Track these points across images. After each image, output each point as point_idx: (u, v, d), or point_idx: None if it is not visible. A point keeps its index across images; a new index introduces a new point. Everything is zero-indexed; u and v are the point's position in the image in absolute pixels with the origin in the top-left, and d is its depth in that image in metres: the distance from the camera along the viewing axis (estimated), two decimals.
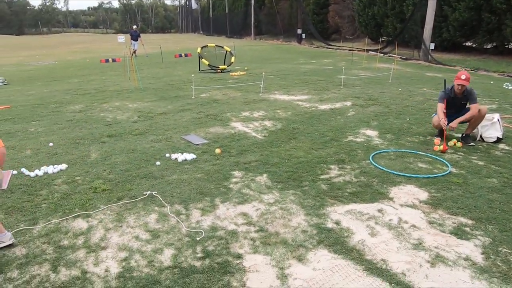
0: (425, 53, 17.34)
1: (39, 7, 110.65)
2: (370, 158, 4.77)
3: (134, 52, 21.45)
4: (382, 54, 19.83)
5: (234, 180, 4.16)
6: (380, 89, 9.66)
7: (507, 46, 18.28)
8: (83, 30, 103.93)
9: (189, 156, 4.76)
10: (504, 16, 16.13)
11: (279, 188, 3.97)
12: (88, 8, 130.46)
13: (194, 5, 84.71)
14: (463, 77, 5.12)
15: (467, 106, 5.46)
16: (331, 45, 27.71)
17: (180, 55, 19.28)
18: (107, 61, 17.39)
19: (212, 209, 3.52)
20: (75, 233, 3.13)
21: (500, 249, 2.92)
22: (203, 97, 8.66)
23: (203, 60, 13.27)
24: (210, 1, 65.78)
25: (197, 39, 44.83)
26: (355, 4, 26.33)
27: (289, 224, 3.27)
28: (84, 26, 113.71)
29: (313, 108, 7.50)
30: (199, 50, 13.68)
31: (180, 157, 4.73)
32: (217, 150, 4.98)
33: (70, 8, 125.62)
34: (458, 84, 5.17)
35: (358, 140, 5.56)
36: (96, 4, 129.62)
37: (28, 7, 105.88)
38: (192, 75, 9.68)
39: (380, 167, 4.50)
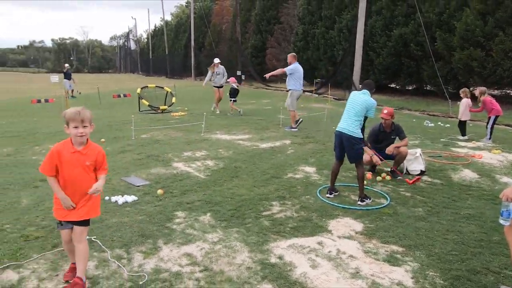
0: None
1: None
2: (318, 193, 4.99)
3: (71, 91, 20.77)
4: (316, 95, 21.03)
5: (177, 220, 4.13)
6: (316, 127, 10.20)
7: (425, 88, 20.32)
8: (11, 69, 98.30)
9: (130, 198, 4.66)
10: (421, 62, 18.05)
11: (223, 226, 4.01)
12: (18, 46, 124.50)
13: (133, 46, 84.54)
14: (385, 111, 5.78)
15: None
16: (270, 86, 28.85)
17: (119, 96, 18.96)
18: (39, 101, 16.61)
19: (155, 251, 3.46)
20: (4, 286, 2.90)
21: (427, 272, 3.18)
22: (143, 137, 8.57)
23: (143, 100, 13.18)
24: (150, 43, 66.09)
25: (136, 79, 44.38)
26: (290, 48, 27.93)
27: (233, 261, 3.31)
28: (13, 65, 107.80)
29: (254, 147, 7.73)
30: (138, 90, 13.60)
31: (120, 199, 4.61)
32: (159, 191, 4.93)
33: None
34: (382, 118, 5.81)
35: (298, 176, 5.81)
36: (26, 43, 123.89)
37: None
38: (132, 115, 9.56)
39: (332, 203, 4.73)
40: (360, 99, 4.89)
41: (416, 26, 17.73)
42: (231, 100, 12.83)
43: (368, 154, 5.81)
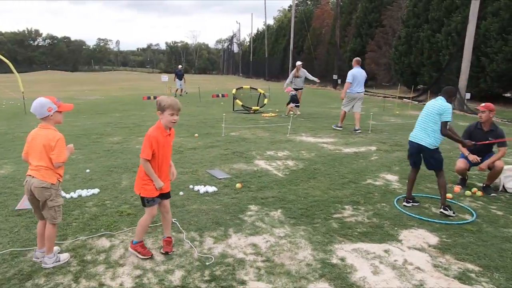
0: (460, 103, 17.17)
1: (94, 46, 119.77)
2: (395, 202, 4.84)
3: (181, 90, 22.59)
4: (416, 102, 19.79)
5: (249, 213, 4.38)
6: (408, 136, 9.67)
7: None
8: (131, 69, 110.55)
9: (211, 189, 5.05)
10: None
11: (291, 223, 4.14)
12: (137, 49, 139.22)
13: (236, 49, 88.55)
14: (482, 104, 5.36)
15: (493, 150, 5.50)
16: (366, 91, 27.95)
17: (217, 95, 20.15)
18: (148, 98, 18.50)
19: (224, 238, 3.75)
20: (98, 250, 3.44)
21: None
22: (232, 135, 9.08)
23: (237, 100, 13.88)
24: (251, 46, 68.67)
25: (236, 81, 46.50)
26: (391, 52, 26.72)
27: (295, 257, 3.43)
28: (132, 65, 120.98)
29: (337, 151, 7.68)
30: (234, 91, 14.35)
31: (202, 189, 5.03)
32: (238, 185, 5.25)
33: (121, 49, 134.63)
34: (478, 110, 5.39)
35: (377, 183, 5.66)
36: (145, 46, 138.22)
37: (83, 47, 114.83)
38: (224, 114, 10.18)
39: (409, 213, 4.58)
40: (431, 106, 4.63)
41: None
42: (294, 106, 13.20)
43: (465, 153, 5.43)
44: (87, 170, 5.88)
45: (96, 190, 4.92)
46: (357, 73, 10.21)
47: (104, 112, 13.92)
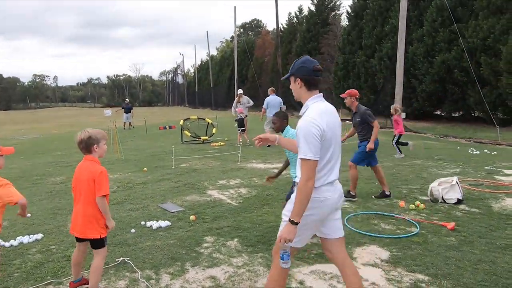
0: None
1: (29, 83, 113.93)
2: (345, 221, 4.99)
3: (129, 124, 22.30)
4: None
5: (205, 245, 4.31)
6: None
7: (473, 114, 19.52)
8: (71, 104, 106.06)
9: (164, 224, 4.92)
10: (466, 88, 17.51)
11: (249, 251, 4.13)
12: (77, 83, 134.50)
13: (180, 80, 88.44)
14: (346, 92, 6.14)
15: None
16: None
17: (165, 127, 19.91)
18: None
19: (181, 273, 3.65)
20: None
21: None
22: (182, 167, 8.97)
23: (185, 131, 13.80)
24: (196, 77, 69.03)
25: (182, 112, 46.23)
26: (331, 77, 28.12)
27: (255, 285, 3.41)
28: (72, 101, 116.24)
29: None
30: (181, 122, 14.27)
31: (155, 224, 4.89)
32: (192, 217, 5.16)
33: (60, 84, 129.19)
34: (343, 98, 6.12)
35: None
36: (85, 80, 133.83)
37: (17, 84, 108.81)
38: (173, 146, 10.06)
39: (360, 231, 4.73)
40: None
41: (459, 51, 17.35)
42: (240, 131, 12.54)
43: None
44: (28, 215, 5.49)
45: (39, 236, 4.60)
46: (271, 100, 12.19)
47: (44, 152, 13.19)
